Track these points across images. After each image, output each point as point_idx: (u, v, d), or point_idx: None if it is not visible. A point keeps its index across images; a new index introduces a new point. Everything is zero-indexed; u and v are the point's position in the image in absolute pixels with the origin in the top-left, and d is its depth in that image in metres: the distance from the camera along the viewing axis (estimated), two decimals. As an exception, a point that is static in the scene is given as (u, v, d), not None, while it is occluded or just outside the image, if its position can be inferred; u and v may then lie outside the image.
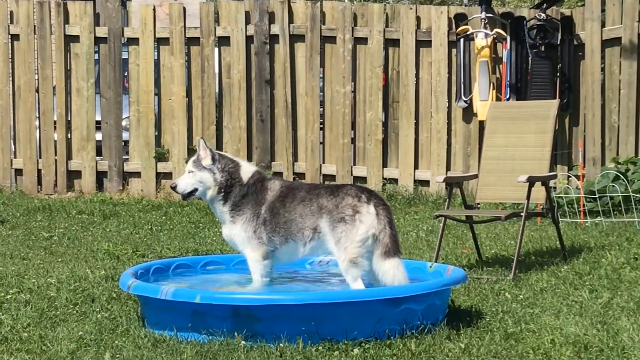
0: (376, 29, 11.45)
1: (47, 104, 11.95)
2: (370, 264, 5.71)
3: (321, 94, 11.72)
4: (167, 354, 5.02)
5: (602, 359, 4.93)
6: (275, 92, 11.69)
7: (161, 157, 11.77)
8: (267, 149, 11.69)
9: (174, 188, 6.05)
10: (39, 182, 12.02)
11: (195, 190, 6.01)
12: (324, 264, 6.51)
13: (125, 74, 12.27)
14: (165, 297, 5.32)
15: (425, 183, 11.35)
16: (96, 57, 12.05)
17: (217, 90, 11.88)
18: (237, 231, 5.93)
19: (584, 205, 9.53)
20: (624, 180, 9.63)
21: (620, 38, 10.74)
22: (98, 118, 11.94)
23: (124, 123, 12.04)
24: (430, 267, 6.27)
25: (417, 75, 11.43)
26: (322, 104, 11.74)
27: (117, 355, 5.02)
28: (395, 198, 11.13)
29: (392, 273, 5.66)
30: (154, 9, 11.89)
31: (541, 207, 7.67)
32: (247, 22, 11.68)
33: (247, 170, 6.03)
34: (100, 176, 11.95)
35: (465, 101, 11.19)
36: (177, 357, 4.97)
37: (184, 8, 11.82)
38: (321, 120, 11.73)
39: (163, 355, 4.99)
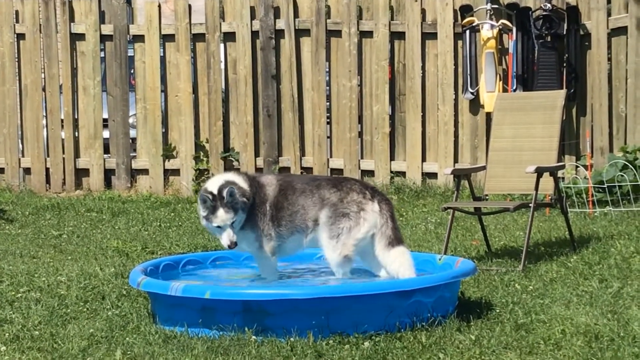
0: (381, 22, 11.43)
1: (54, 102, 11.96)
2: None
3: (327, 88, 11.71)
4: (178, 350, 5.03)
5: (613, 348, 4.93)
6: (282, 87, 11.69)
7: (169, 155, 11.78)
8: (274, 144, 11.69)
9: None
10: (47, 181, 12.04)
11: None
12: None
13: (132, 72, 12.28)
14: (176, 293, 5.33)
15: (433, 175, 11.34)
16: (102, 55, 12.06)
17: (223, 86, 11.89)
18: (246, 233, 5.82)
19: (592, 195, 9.52)
20: (632, 169, 9.61)
21: (626, 27, 10.70)
22: (105, 116, 11.95)
23: (131, 120, 12.05)
24: (440, 259, 6.27)
25: (423, 68, 11.41)
26: (328, 98, 11.73)
27: (128, 352, 5.03)
28: (403, 191, 11.12)
29: (399, 261, 5.72)
30: (159, 6, 11.89)
31: (550, 197, 7.66)
32: (253, 17, 11.68)
33: (245, 182, 5.85)
34: (108, 174, 11.96)
35: (472, 93, 11.17)
36: (188, 352, 4.98)
37: (189, 4, 11.81)
38: (328, 114, 11.72)
39: (174, 351, 5.00)
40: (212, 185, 5.78)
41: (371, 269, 5.95)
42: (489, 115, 10.69)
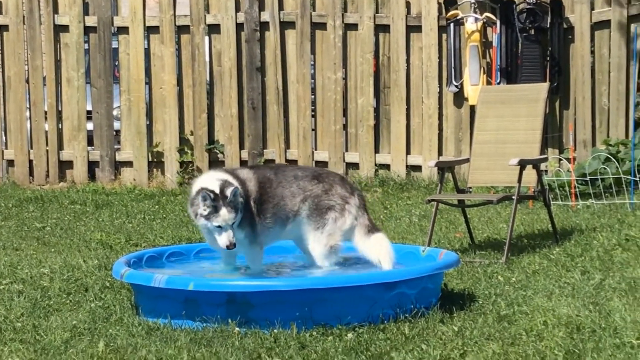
0: (366, 15, 11.43)
1: (38, 94, 11.92)
2: None
3: (312, 80, 11.71)
4: (162, 342, 5.03)
5: (594, 339, 4.95)
6: (267, 79, 11.68)
7: (154, 151, 11.74)
8: (259, 137, 11.68)
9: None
10: (31, 173, 12.00)
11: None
12: None
13: (116, 63, 12.25)
14: (159, 284, 5.32)
15: (417, 168, 11.36)
16: (86, 47, 12.02)
17: (208, 79, 11.87)
18: (236, 231, 5.67)
19: (575, 188, 9.55)
20: (614, 162, 9.65)
21: (609, 20, 10.74)
22: (89, 108, 11.92)
23: (115, 112, 12.02)
24: (423, 251, 6.28)
25: (407, 61, 11.43)
26: (313, 90, 11.73)
27: (111, 344, 5.02)
28: (388, 184, 11.14)
29: (379, 244, 5.80)
30: (144, -2, 11.86)
31: (533, 190, 7.68)
32: (237, 9, 11.66)
33: (235, 180, 5.73)
34: (92, 166, 11.94)
35: (456, 86, 11.19)
36: (172, 344, 4.97)
37: (174, -4, 11.79)
38: (313, 107, 11.73)
39: (157, 343, 5.00)
40: (211, 183, 5.62)
41: (304, 253, 6.02)
42: (473, 108, 10.71)
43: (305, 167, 7.58)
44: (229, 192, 5.54)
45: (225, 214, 5.54)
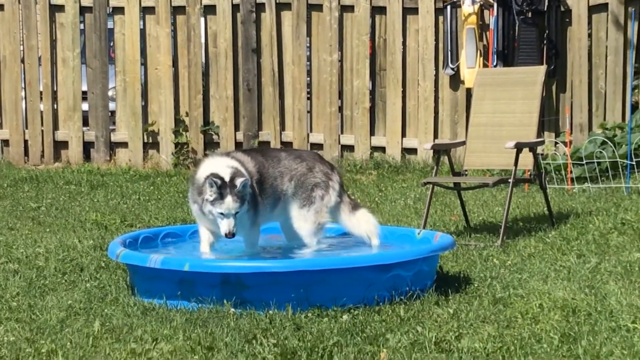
0: (363, -3, 11.40)
1: (33, 74, 11.88)
2: None
3: (308, 62, 11.68)
4: (157, 322, 5.03)
5: (590, 322, 4.96)
6: (262, 61, 11.64)
7: (149, 130, 11.72)
8: (254, 118, 11.66)
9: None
10: (26, 153, 11.98)
11: None
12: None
13: (111, 44, 12.20)
14: (155, 265, 5.32)
15: (413, 151, 11.35)
16: (82, 27, 11.98)
17: (203, 60, 11.83)
18: (242, 217, 5.66)
19: (571, 172, 9.55)
20: (611, 146, 9.65)
21: (607, 4, 10.71)
22: (84, 88, 11.88)
23: (110, 93, 11.99)
24: (419, 233, 6.29)
25: (404, 43, 11.39)
26: (309, 72, 11.70)
27: (107, 324, 5.02)
28: (383, 167, 11.13)
29: (366, 220, 5.93)
30: (139, -22, 11.81)
31: (529, 173, 7.68)
32: (233, -10, 11.62)
33: (242, 167, 5.75)
34: (87, 146, 11.92)
35: (453, 68, 11.17)
36: (167, 324, 4.98)
37: (170, -23, 11.74)
38: (308, 89, 11.70)
39: (153, 323, 5.00)
40: (222, 170, 5.62)
41: (286, 234, 6.07)
42: (469, 91, 10.70)
43: (286, 148, 7.70)
44: (238, 182, 5.56)
45: (230, 202, 5.56)
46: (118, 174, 11.13)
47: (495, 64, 10.85)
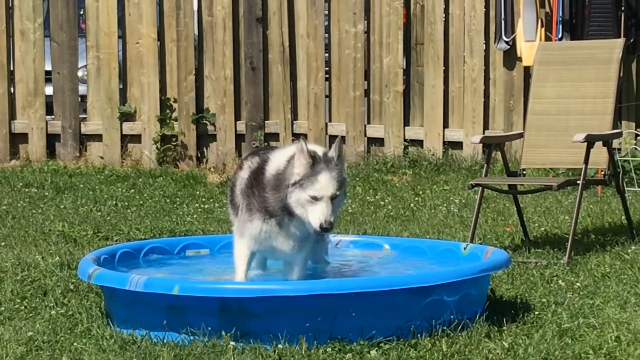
0: (394, -47, 11.43)
1: (-16, 50, 11.96)
2: None
3: (326, 35, 11.71)
4: (139, 358, 5.05)
5: (679, 360, 4.96)
6: (269, 33, 11.68)
7: (127, 116, 11.77)
8: (259, 105, 11.69)
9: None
10: (-24, 148, 12.06)
11: None
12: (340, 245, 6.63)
13: (81, 12, 12.26)
14: (136, 288, 5.34)
15: (458, 145, 11.37)
16: (45, -8, 12.06)
17: (196, 32, 11.88)
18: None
19: (655, 171, 9.56)
20: None
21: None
22: (48, 67, 11.94)
23: (80, 73, 12.05)
24: (465, 248, 6.30)
25: (446, 11, 11.41)
26: (327, 47, 11.73)
27: (77, 361, 5.05)
28: (420, 164, 11.15)
29: None
30: None
31: (602, 173, 7.69)
32: (233, -55, 11.67)
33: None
34: (52, 140, 11.97)
35: (507, 42, 11.18)
36: (151, 361, 5.00)
37: None
38: (326, 68, 11.73)
39: (134, 360, 5.03)
40: (311, 147, 5.41)
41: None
42: (527, 71, 10.71)
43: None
44: (334, 154, 5.34)
45: (327, 180, 5.30)
46: (90, 174, 11.18)
47: (560, 36, 10.85)
